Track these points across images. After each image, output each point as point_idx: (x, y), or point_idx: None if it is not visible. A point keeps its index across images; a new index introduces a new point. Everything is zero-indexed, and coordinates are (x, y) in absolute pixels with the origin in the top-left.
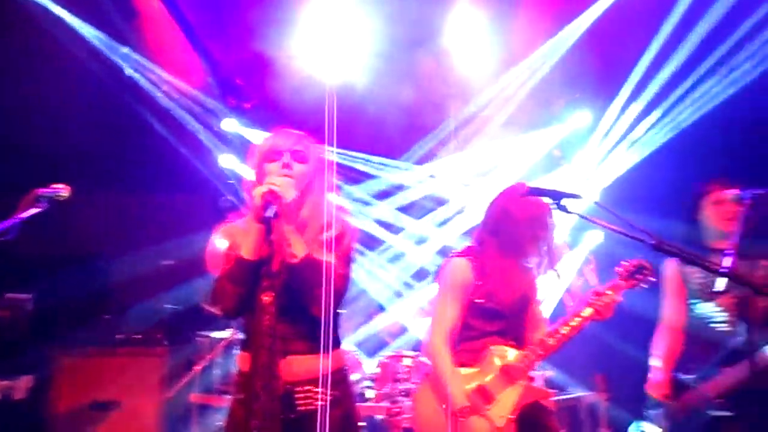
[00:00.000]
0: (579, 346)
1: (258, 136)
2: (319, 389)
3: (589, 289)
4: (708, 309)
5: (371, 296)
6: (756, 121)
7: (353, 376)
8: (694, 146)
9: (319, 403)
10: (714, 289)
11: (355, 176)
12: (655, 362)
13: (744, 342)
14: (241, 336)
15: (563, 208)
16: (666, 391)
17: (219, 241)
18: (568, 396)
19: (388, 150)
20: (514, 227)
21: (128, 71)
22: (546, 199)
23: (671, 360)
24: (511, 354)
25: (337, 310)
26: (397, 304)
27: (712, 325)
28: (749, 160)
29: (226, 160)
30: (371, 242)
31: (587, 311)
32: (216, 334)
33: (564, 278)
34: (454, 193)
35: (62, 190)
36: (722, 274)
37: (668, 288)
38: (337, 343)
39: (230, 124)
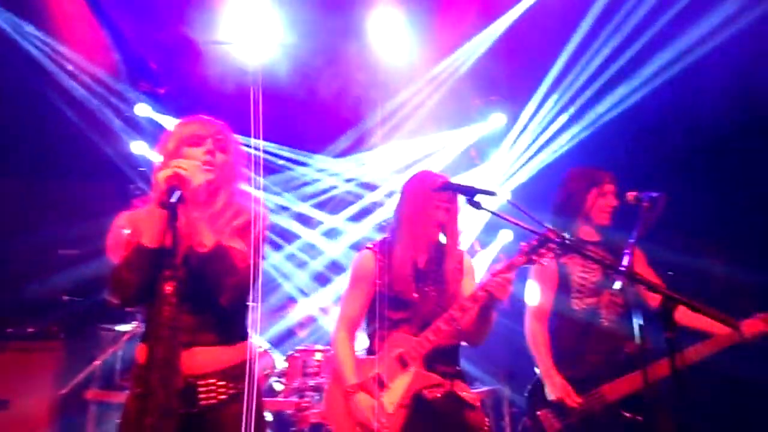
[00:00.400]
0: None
1: (172, 123)
2: (224, 382)
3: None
4: (592, 304)
5: (284, 290)
6: (660, 126)
7: (267, 373)
8: (602, 149)
9: (223, 396)
10: (613, 288)
11: (272, 168)
12: (546, 364)
13: (635, 343)
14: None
15: (476, 205)
16: (567, 393)
17: (121, 228)
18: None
19: (308, 143)
20: (414, 216)
21: (31, 50)
22: (460, 195)
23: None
24: (406, 342)
25: (246, 302)
26: (310, 297)
27: (599, 321)
28: (652, 162)
29: (138, 147)
30: (286, 236)
31: (479, 294)
32: (120, 327)
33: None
34: (374, 186)
35: None
36: (621, 273)
37: (542, 276)
38: (244, 335)
39: (143, 110)
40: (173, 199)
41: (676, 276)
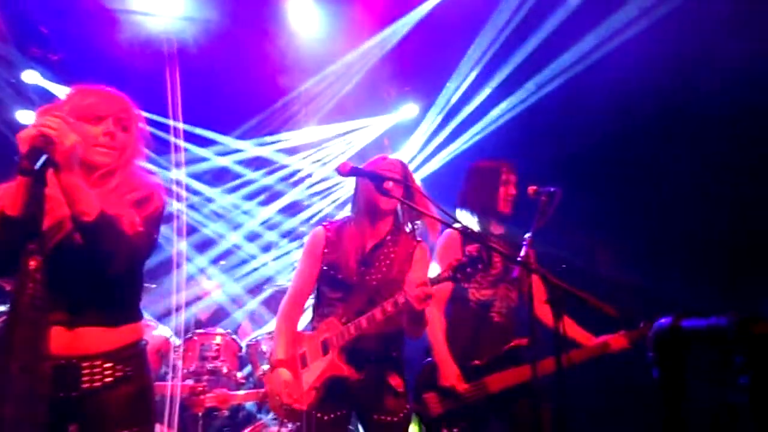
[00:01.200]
0: None
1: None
2: (110, 364)
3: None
4: (488, 296)
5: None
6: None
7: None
8: (504, 144)
9: (109, 379)
10: (510, 280)
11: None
12: (443, 350)
13: (522, 338)
14: None
15: (384, 192)
16: (459, 380)
17: None
18: None
19: (216, 123)
20: (356, 199)
21: None
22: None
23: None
24: (334, 328)
25: (138, 277)
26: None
27: (491, 313)
28: (555, 159)
29: (25, 116)
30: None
31: (399, 301)
32: None
33: None
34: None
35: None
36: (519, 264)
37: (445, 261)
38: (135, 315)
39: (32, 77)
40: (38, 165)
41: (564, 272)
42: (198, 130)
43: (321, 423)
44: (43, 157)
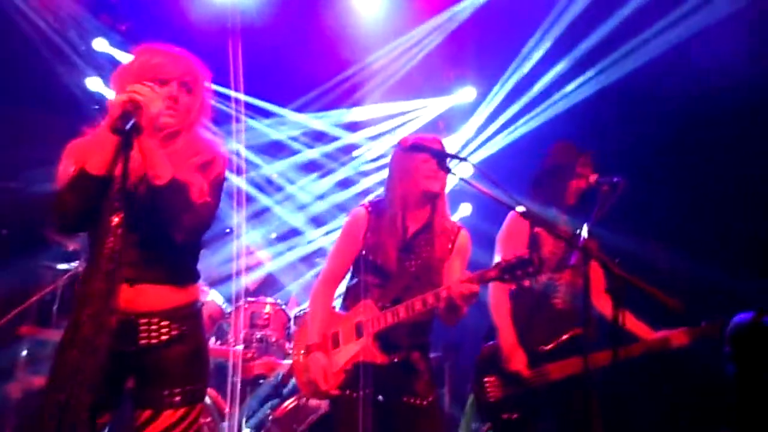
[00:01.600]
0: None
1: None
2: (167, 322)
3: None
4: (553, 280)
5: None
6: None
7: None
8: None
9: (165, 337)
10: (571, 264)
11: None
12: (510, 334)
13: (584, 327)
14: None
15: (447, 169)
16: (525, 366)
17: (70, 157)
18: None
19: (276, 96)
20: (398, 181)
21: None
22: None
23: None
24: (371, 312)
25: (200, 242)
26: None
27: (555, 298)
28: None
29: (94, 83)
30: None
31: (442, 295)
32: (61, 266)
33: None
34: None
35: None
36: (581, 250)
37: (512, 243)
38: (193, 276)
39: (101, 44)
40: (127, 127)
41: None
42: (258, 102)
43: (350, 401)
44: (131, 121)
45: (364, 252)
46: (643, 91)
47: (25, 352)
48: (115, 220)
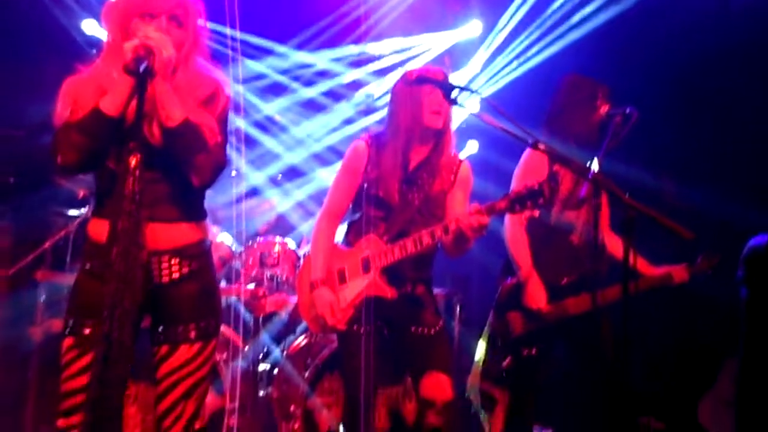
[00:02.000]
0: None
1: None
2: (177, 259)
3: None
4: (571, 218)
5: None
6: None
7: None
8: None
9: (176, 275)
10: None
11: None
12: (530, 271)
13: (600, 263)
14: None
15: (453, 101)
16: (546, 303)
17: (66, 95)
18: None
19: (272, 32)
20: (401, 114)
21: None
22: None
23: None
24: (377, 247)
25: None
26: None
27: (572, 235)
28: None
29: (89, 25)
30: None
31: (451, 227)
32: (71, 212)
33: None
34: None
35: None
36: (595, 183)
37: (530, 176)
38: (200, 213)
39: None
40: (141, 70)
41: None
42: (255, 39)
43: (358, 335)
44: (143, 65)
45: (366, 185)
46: (655, 20)
47: (43, 297)
48: (133, 161)
